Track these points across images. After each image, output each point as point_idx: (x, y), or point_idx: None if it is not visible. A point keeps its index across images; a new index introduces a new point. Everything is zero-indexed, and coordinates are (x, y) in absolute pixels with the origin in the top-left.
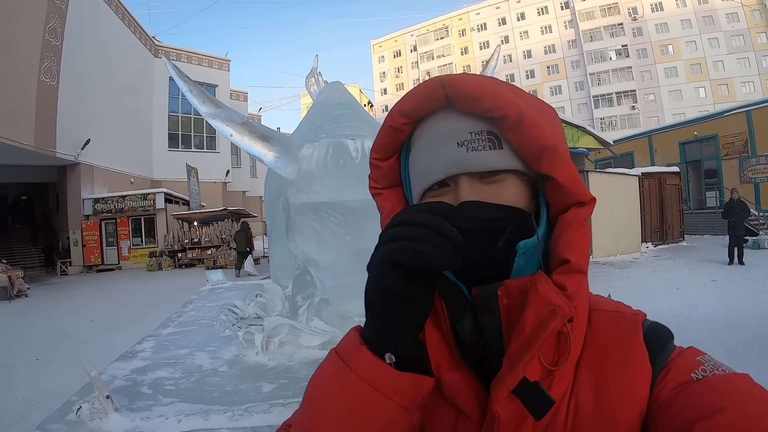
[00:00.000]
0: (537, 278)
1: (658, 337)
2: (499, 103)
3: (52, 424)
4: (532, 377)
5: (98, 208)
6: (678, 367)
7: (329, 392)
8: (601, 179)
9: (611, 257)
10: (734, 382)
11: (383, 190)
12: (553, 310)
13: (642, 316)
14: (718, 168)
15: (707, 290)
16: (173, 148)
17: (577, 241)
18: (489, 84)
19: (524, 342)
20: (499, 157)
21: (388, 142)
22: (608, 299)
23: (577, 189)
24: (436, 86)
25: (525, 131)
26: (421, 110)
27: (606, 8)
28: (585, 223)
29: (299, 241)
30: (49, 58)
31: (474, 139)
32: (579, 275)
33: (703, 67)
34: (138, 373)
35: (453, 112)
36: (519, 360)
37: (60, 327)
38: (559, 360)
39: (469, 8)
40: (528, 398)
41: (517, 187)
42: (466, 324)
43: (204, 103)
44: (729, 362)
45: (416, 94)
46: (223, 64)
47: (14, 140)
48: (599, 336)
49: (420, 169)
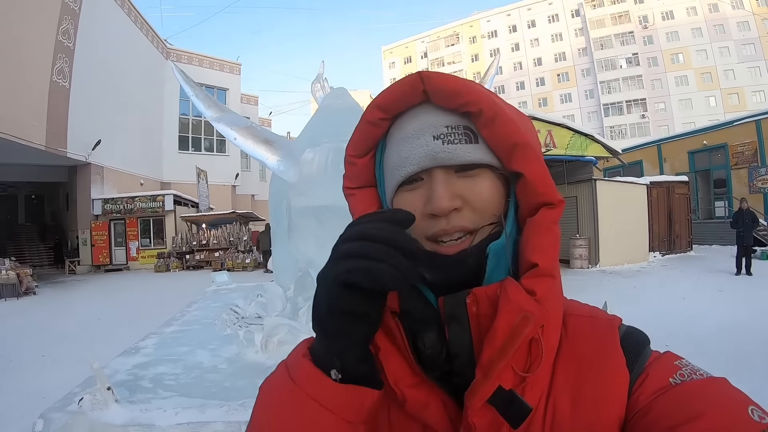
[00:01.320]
0: (506, 284)
1: (635, 342)
2: (476, 98)
3: (55, 413)
4: (505, 385)
5: (108, 209)
6: (656, 372)
7: (275, 405)
8: (609, 188)
9: (618, 266)
10: (712, 386)
11: (356, 190)
12: (525, 317)
13: (618, 321)
14: (727, 177)
15: (714, 300)
16: (183, 150)
17: (545, 245)
18: (466, 81)
19: (497, 350)
20: (475, 151)
21: (365, 138)
22: (583, 304)
23: (546, 189)
24: (415, 80)
25: (499, 127)
26: (399, 104)
27: (617, 16)
28: (553, 226)
29: (300, 243)
30: (62, 59)
31: (450, 132)
32: (548, 279)
33: (713, 75)
34: (140, 368)
35: (430, 107)
36: (493, 368)
37: (67, 325)
38: (531, 366)
39: (479, 15)
40: (504, 407)
41: (491, 182)
42: (429, 338)
43: (209, 107)
44: (734, 373)
45: (395, 88)
46: (234, 68)
47: (26, 139)
48: (576, 341)
49: (395, 162)
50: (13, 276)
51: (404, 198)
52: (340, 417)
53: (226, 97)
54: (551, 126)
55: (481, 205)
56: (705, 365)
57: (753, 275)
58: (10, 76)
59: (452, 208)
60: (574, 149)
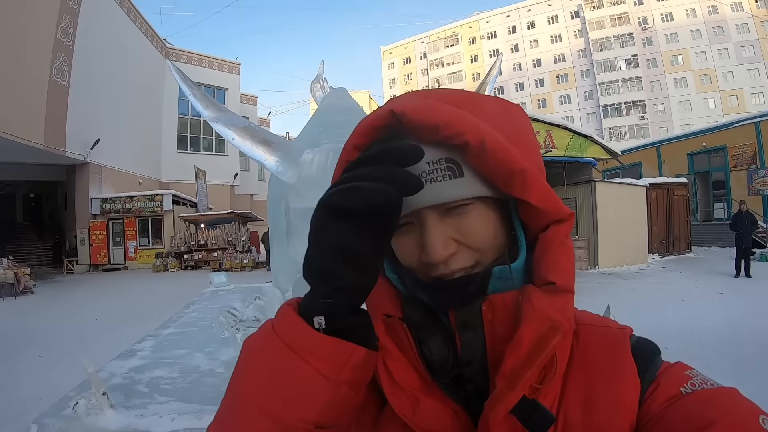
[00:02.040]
0: (529, 292)
1: (646, 351)
2: (457, 129)
3: (49, 419)
4: None
5: (106, 208)
6: (667, 381)
7: (253, 354)
8: (608, 189)
9: (617, 268)
10: (723, 395)
11: None
12: (553, 326)
13: (629, 331)
14: (726, 179)
15: (713, 303)
16: (182, 150)
17: (560, 261)
18: (443, 108)
19: (522, 359)
20: (460, 187)
21: None
22: (593, 314)
23: (555, 208)
24: (388, 117)
25: (489, 156)
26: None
27: (616, 18)
28: (566, 240)
29: (299, 245)
30: (61, 57)
31: (432, 169)
32: (566, 294)
33: (712, 77)
34: (136, 372)
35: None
36: (518, 378)
37: (64, 325)
38: (546, 378)
39: (479, 16)
40: (526, 417)
41: (482, 216)
42: (434, 344)
43: (207, 107)
44: (733, 376)
45: (368, 126)
46: (234, 67)
47: (24, 138)
48: (587, 351)
49: None
50: (11, 275)
51: (399, 242)
52: (315, 369)
53: (226, 96)
54: (551, 127)
55: (477, 243)
56: (704, 368)
57: (752, 277)
58: (9, 75)
59: (448, 255)
60: (574, 150)
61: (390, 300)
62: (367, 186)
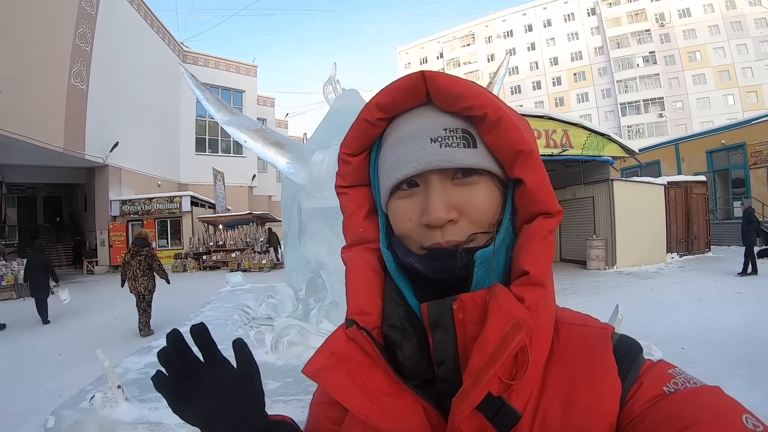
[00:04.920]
0: (496, 291)
1: (628, 350)
2: (480, 102)
3: (66, 410)
4: (492, 392)
5: (125, 210)
6: (650, 381)
7: None
8: (626, 188)
9: (635, 267)
10: (707, 395)
11: (349, 189)
12: (517, 324)
13: (611, 330)
14: (745, 177)
15: (731, 302)
16: (200, 152)
17: (538, 253)
18: (470, 84)
19: (486, 357)
20: (473, 156)
21: (361, 137)
22: (576, 313)
23: (546, 198)
24: (418, 80)
25: (503, 132)
26: (400, 105)
27: (633, 14)
28: (549, 236)
29: (310, 244)
30: (79, 62)
31: (448, 135)
32: (539, 288)
33: (731, 73)
34: (151, 367)
35: (430, 109)
36: (482, 376)
37: (84, 324)
38: (517, 374)
39: (495, 15)
40: (492, 414)
41: (488, 190)
42: (408, 349)
43: (219, 111)
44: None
45: (396, 87)
46: (251, 70)
47: (44, 142)
48: (567, 349)
49: (390, 164)
50: None
51: (399, 205)
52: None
53: (243, 98)
54: (568, 126)
55: (477, 216)
56: (720, 369)
57: (746, 276)
58: (29, 80)
59: (448, 220)
60: (591, 149)
61: (369, 294)
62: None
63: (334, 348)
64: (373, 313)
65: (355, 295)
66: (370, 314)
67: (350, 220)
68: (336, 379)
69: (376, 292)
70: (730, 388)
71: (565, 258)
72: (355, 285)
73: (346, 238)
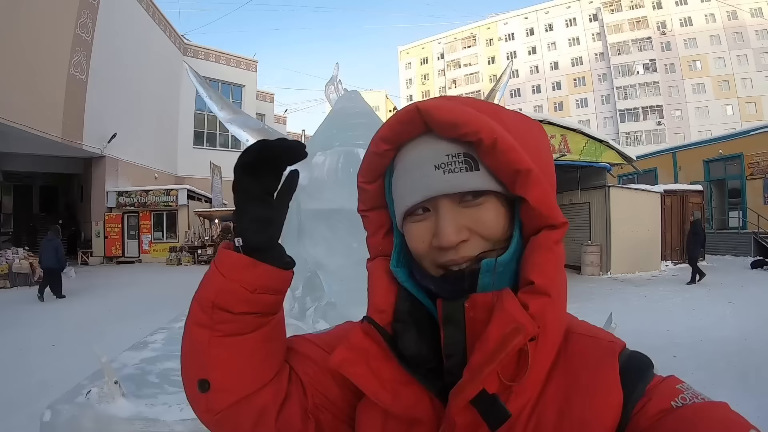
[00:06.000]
0: (503, 295)
1: (637, 365)
2: (474, 128)
3: (62, 405)
4: (489, 389)
5: (121, 201)
6: (658, 395)
7: None
8: (622, 195)
9: (630, 274)
10: (714, 409)
11: (369, 212)
12: (516, 328)
13: (620, 345)
14: (742, 188)
15: (724, 312)
16: (198, 145)
17: (543, 264)
18: (464, 109)
19: (487, 355)
20: (476, 179)
21: (372, 168)
22: (589, 324)
23: (550, 212)
24: (413, 113)
25: (500, 155)
26: (402, 136)
27: (635, 21)
28: (555, 247)
29: (309, 245)
30: (80, 52)
31: (451, 161)
32: (543, 297)
33: (731, 84)
34: (147, 363)
35: (431, 136)
36: (480, 372)
37: (77, 315)
38: (517, 377)
39: (497, 17)
40: (485, 409)
41: (495, 210)
42: (407, 339)
43: (222, 109)
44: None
45: (395, 121)
46: (251, 64)
47: (42, 131)
48: (573, 359)
49: (400, 192)
50: (26, 265)
51: (412, 229)
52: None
53: (243, 93)
54: (566, 131)
55: (488, 234)
56: (711, 379)
57: (696, 284)
58: (28, 68)
59: (459, 241)
60: (589, 155)
61: (385, 295)
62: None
63: (354, 342)
64: (387, 311)
65: (374, 296)
66: (386, 312)
67: (372, 239)
68: (357, 370)
69: (392, 294)
70: (721, 398)
71: None
72: (375, 288)
73: (370, 253)
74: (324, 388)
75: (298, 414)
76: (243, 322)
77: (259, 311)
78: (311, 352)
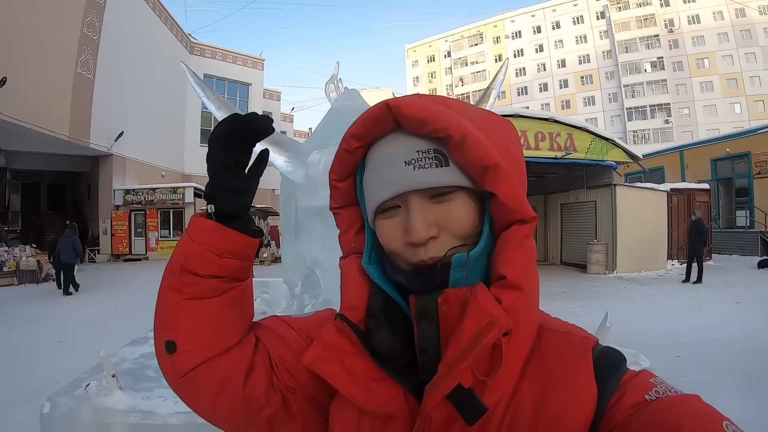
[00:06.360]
0: (477, 289)
1: (610, 360)
2: (443, 124)
3: (61, 397)
4: (465, 384)
5: (128, 199)
6: (632, 389)
7: None
8: (628, 193)
9: (635, 273)
10: (687, 402)
11: (341, 209)
12: (491, 322)
13: (593, 341)
14: (749, 187)
15: (729, 312)
16: (205, 143)
17: (515, 258)
18: (434, 106)
19: (461, 350)
20: (446, 174)
21: (344, 164)
22: (562, 321)
23: (519, 206)
24: (383, 110)
25: (468, 151)
26: (372, 133)
27: (642, 19)
28: (525, 241)
29: (305, 242)
30: (86, 51)
31: (421, 157)
32: (516, 291)
33: (739, 82)
34: (146, 358)
35: (402, 133)
36: (455, 367)
37: (84, 312)
38: (492, 371)
39: (504, 15)
40: (461, 404)
41: (465, 205)
42: (380, 335)
43: (219, 109)
44: (743, 388)
45: (366, 118)
46: (257, 63)
47: (50, 130)
48: (546, 355)
49: (371, 189)
50: (33, 262)
51: (383, 226)
52: (187, 233)
53: (249, 92)
54: (572, 129)
55: (456, 229)
56: (716, 379)
57: (702, 283)
58: (36, 67)
59: (429, 237)
60: (595, 153)
61: (357, 292)
62: (226, 120)
63: (327, 340)
64: (360, 308)
65: (346, 294)
66: (358, 308)
67: (344, 237)
68: (330, 368)
69: (364, 291)
70: (724, 398)
71: (565, 261)
72: (347, 285)
73: (342, 251)
74: (295, 371)
75: (264, 385)
76: (208, 286)
77: (225, 275)
78: (286, 334)
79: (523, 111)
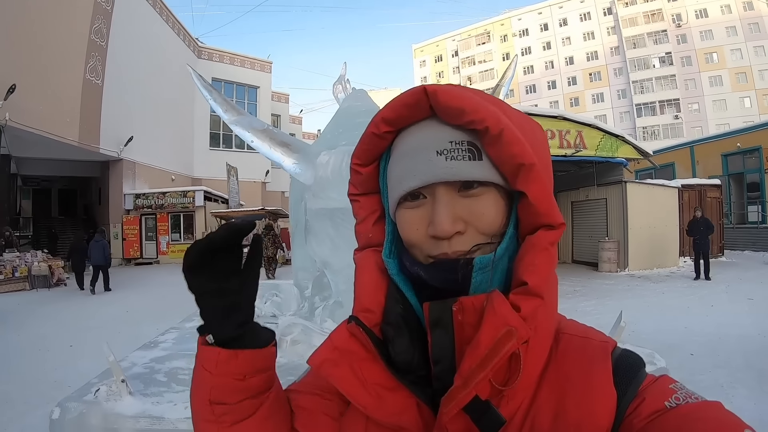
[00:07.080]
0: (493, 297)
1: (629, 365)
2: (481, 116)
3: (71, 402)
4: (482, 395)
5: (139, 204)
6: (651, 396)
7: None
8: (639, 190)
9: (647, 270)
10: (708, 409)
11: (360, 196)
12: (509, 332)
13: (612, 344)
14: (761, 181)
15: (743, 309)
16: (214, 147)
17: (538, 264)
18: (472, 96)
19: (478, 360)
20: (478, 168)
21: (370, 149)
22: (579, 324)
23: (548, 210)
24: (420, 95)
25: (504, 146)
26: (405, 119)
27: (649, 14)
28: (550, 248)
29: (315, 244)
30: (95, 57)
31: (454, 148)
32: (536, 299)
33: (748, 75)
34: (156, 362)
35: (435, 121)
36: (472, 378)
37: (95, 316)
38: (509, 381)
39: (510, 13)
40: (478, 416)
41: (494, 201)
42: (399, 344)
43: (227, 111)
44: (758, 387)
45: (400, 102)
46: (265, 65)
47: (60, 136)
48: (564, 361)
49: (397, 176)
50: (45, 267)
51: (406, 216)
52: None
53: (257, 95)
54: (582, 127)
55: (483, 226)
56: (730, 377)
57: (711, 280)
58: (44, 74)
59: (455, 232)
60: (605, 150)
61: (373, 293)
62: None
63: (338, 342)
64: (375, 311)
65: (360, 294)
66: (373, 312)
67: (361, 226)
68: (338, 372)
69: (380, 291)
70: (738, 397)
71: (577, 259)
72: (362, 284)
73: (358, 242)
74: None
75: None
76: (242, 408)
77: (255, 393)
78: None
79: (532, 109)
